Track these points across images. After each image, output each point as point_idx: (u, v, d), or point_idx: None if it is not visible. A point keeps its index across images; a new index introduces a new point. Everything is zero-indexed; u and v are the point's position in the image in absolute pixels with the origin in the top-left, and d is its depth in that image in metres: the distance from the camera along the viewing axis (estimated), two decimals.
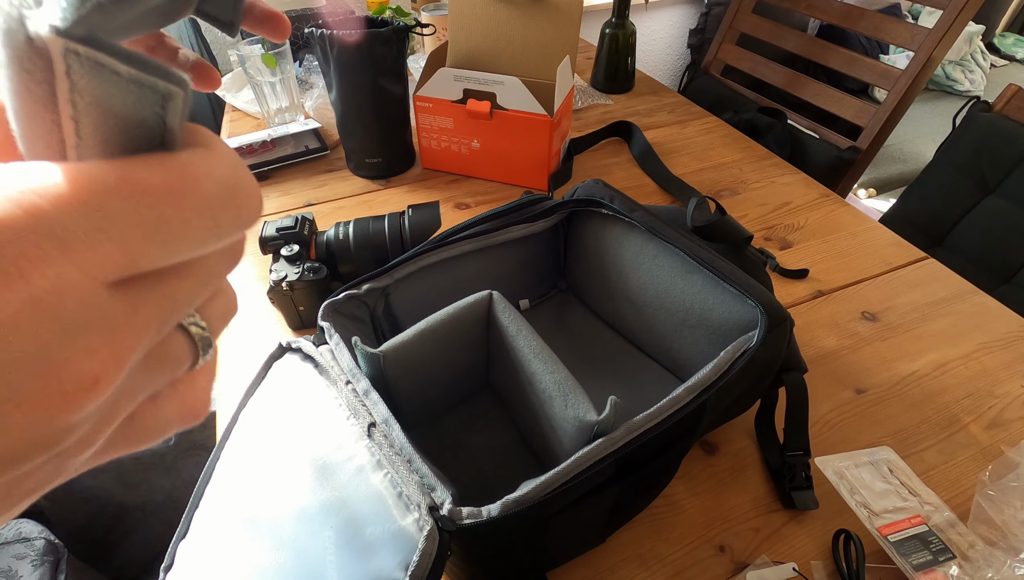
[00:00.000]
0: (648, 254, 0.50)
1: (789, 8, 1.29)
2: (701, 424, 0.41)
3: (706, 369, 0.40)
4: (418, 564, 0.30)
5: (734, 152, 0.93)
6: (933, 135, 2.01)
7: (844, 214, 0.79)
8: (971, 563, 0.42)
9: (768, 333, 0.41)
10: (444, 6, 1.12)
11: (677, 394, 0.38)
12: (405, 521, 0.32)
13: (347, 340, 0.42)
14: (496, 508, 0.33)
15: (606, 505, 0.39)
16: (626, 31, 1.07)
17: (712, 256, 0.46)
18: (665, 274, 0.49)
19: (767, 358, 0.43)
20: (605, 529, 0.42)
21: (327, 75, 0.75)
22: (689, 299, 0.47)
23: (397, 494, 0.33)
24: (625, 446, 0.36)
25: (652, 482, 0.43)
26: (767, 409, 0.50)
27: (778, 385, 0.47)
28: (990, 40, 2.56)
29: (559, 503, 0.34)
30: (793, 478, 0.46)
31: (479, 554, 0.36)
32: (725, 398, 0.42)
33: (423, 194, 0.82)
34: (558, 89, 0.74)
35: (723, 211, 0.51)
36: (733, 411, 0.50)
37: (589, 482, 0.35)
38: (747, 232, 0.50)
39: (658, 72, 2.23)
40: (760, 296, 0.43)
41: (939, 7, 1.05)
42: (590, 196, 0.54)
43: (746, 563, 0.43)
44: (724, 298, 0.45)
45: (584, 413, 0.37)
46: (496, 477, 0.46)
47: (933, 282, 0.68)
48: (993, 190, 1.04)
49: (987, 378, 0.57)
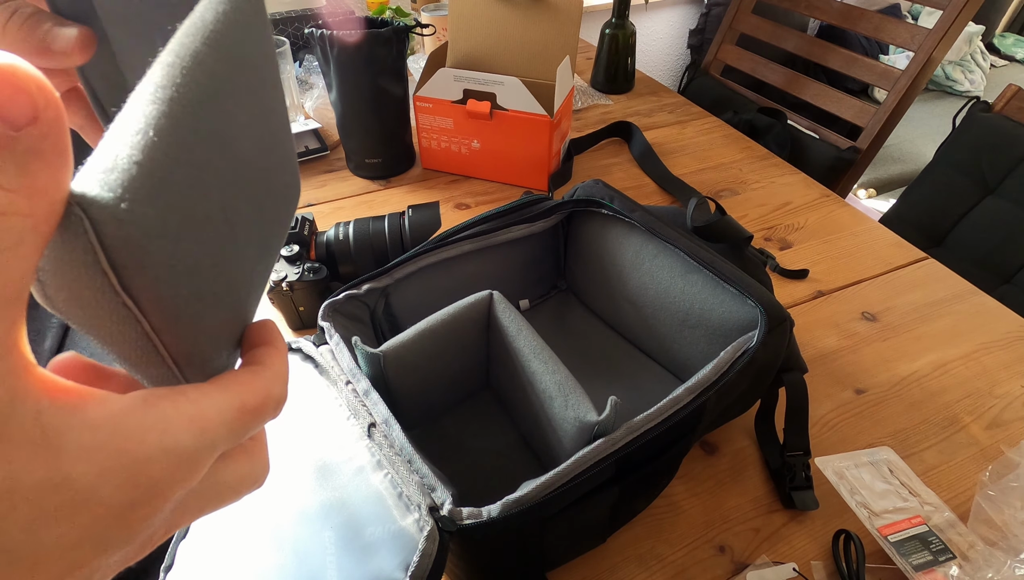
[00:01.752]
0: (648, 254, 0.50)
1: (789, 8, 1.29)
2: (701, 424, 0.41)
3: (706, 369, 0.40)
4: (418, 565, 0.30)
5: (734, 152, 0.93)
6: (933, 135, 2.01)
7: (844, 214, 0.79)
8: (971, 563, 0.42)
9: (768, 333, 0.41)
10: (444, 6, 1.12)
11: (677, 394, 0.38)
12: (405, 521, 0.32)
13: (347, 340, 0.42)
14: (496, 508, 0.33)
15: (606, 505, 0.39)
16: (626, 31, 1.07)
17: (712, 256, 0.46)
18: (665, 274, 0.49)
19: (767, 358, 0.43)
20: (605, 529, 0.42)
21: (327, 75, 0.75)
22: (689, 299, 0.47)
23: (397, 494, 0.33)
24: (625, 446, 0.36)
25: (652, 482, 0.43)
26: (767, 409, 0.50)
27: (778, 385, 0.47)
28: (990, 40, 2.56)
29: (559, 503, 0.34)
30: (793, 478, 0.46)
31: (479, 554, 0.36)
32: (725, 398, 0.42)
33: (423, 194, 0.82)
34: (558, 89, 0.74)
35: (723, 211, 0.51)
36: (733, 411, 0.50)
37: (589, 482, 0.35)
38: (747, 232, 0.50)
39: (658, 72, 2.23)
40: (760, 296, 0.43)
41: (939, 7, 1.05)
42: (590, 196, 0.54)
43: (746, 563, 0.43)
44: (724, 298, 0.45)
45: (584, 413, 0.37)
46: (497, 477, 0.46)
47: (933, 282, 0.68)
48: (993, 190, 1.04)
49: (987, 378, 0.57)
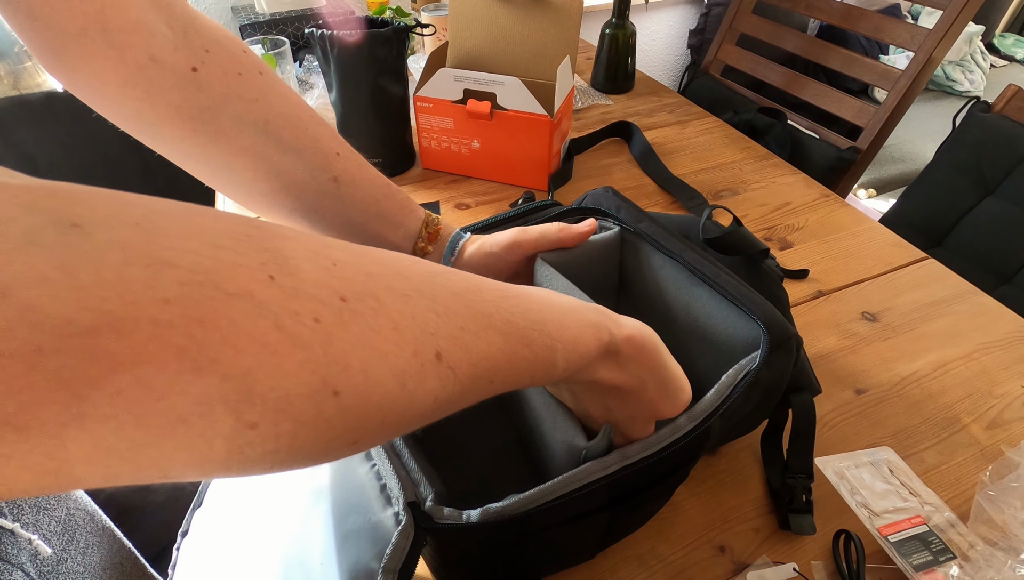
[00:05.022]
0: (654, 265, 0.49)
1: (789, 8, 1.29)
2: (702, 451, 0.40)
3: (708, 395, 0.38)
4: (390, 557, 0.30)
5: (734, 152, 0.93)
6: (933, 135, 2.01)
7: (844, 214, 0.79)
8: (971, 563, 0.42)
9: (771, 352, 0.39)
10: (444, 6, 1.12)
11: (678, 422, 0.36)
12: (385, 514, 0.32)
13: None
14: (476, 515, 0.32)
15: (596, 530, 0.38)
16: (626, 31, 1.07)
17: (718, 270, 0.44)
18: (670, 286, 0.47)
19: (772, 379, 0.41)
20: (594, 549, 0.41)
21: (327, 75, 0.75)
22: (694, 313, 0.46)
23: (380, 486, 0.34)
24: (617, 473, 0.34)
25: (647, 507, 0.41)
26: (775, 428, 0.48)
27: (787, 406, 0.45)
28: (990, 40, 2.56)
29: (542, 521, 0.33)
30: (792, 500, 0.45)
31: (459, 556, 0.35)
32: (728, 421, 0.40)
33: (423, 194, 0.82)
34: (558, 89, 0.74)
35: (739, 222, 0.48)
36: (737, 432, 0.48)
37: (577, 504, 0.34)
38: (763, 245, 0.48)
39: (658, 72, 2.23)
40: (763, 314, 0.40)
41: (939, 7, 1.05)
42: (597, 205, 0.52)
43: (746, 563, 0.43)
44: (728, 314, 0.43)
45: (572, 437, 0.36)
46: (496, 479, 0.46)
47: (933, 282, 0.68)
48: (993, 190, 1.04)
49: (987, 378, 0.57)
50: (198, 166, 0.40)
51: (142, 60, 0.35)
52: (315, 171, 0.42)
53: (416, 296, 0.21)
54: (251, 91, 0.40)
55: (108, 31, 0.33)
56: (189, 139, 0.38)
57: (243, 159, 0.40)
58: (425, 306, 0.21)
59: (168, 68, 0.36)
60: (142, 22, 0.35)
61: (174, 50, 0.36)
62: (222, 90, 0.38)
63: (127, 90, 0.36)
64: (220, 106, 0.38)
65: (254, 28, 1.21)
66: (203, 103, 0.38)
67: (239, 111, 0.39)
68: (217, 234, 0.16)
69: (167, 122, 0.37)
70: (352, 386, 0.18)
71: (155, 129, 0.38)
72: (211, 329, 0.15)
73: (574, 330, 0.28)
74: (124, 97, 0.36)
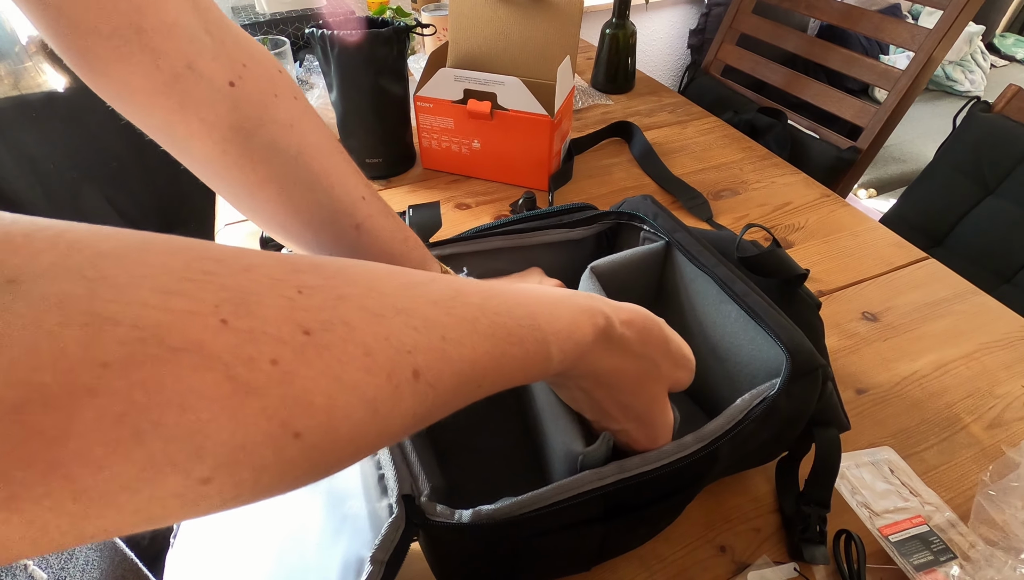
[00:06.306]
0: (686, 277, 0.48)
1: (789, 8, 1.29)
2: (710, 474, 0.38)
3: (720, 418, 0.37)
4: (379, 547, 0.30)
5: (734, 152, 0.93)
6: (933, 135, 2.00)
7: (844, 214, 0.79)
8: (972, 563, 0.42)
9: (793, 380, 0.37)
10: (444, 6, 1.12)
11: (684, 441, 0.36)
12: (380, 503, 0.33)
13: None
14: (467, 515, 0.32)
15: (590, 542, 0.37)
16: (626, 31, 1.07)
17: (748, 289, 0.42)
18: (699, 300, 0.47)
19: (793, 409, 0.39)
20: (590, 561, 0.40)
21: (327, 75, 0.75)
22: (720, 330, 0.45)
23: (378, 476, 0.34)
24: (612, 485, 0.33)
25: (651, 524, 0.40)
26: (793, 459, 0.46)
27: (809, 439, 0.42)
28: (990, 40, 2.56)
29: (535, 527, 0.33)
30: (806, 529, 0.42)
31: (451, 554, 0.35)
32: (742, 448, 0.39)
33: (424, 194, 0.82)
34: (558, 89, 0.74)
35: (778, 244, 0.47)
36: (753, 460, 0.46)
37: (571, 514, 0.33)
38: (800, 269, 0.45)
39: (658, 72, 2.23)
40: (789, 338, 0.38)
41: (939, 7, 1.05)
42: (635, 211, 0.52)
43: (747, 563, 0.43)
44: (754, 336, 0.42)
45: (570, 442, 0.35)
46: (499, 479, 0.46)
47: (933, 282, 0.68)
48: (993, 190, 1.04)
49: (987, 378, 0.57)
50: (220, 185, 0.38)
51: (178, 68, 0.32)
52: (338, 214, 0.40)
53: (391, 314, 0.20)
54: (286, 116, 0.37)
55: (143, 32, 0.30)
56: (218, 160, 0.36)
57: (268, 190, 0.37)
58: (401, 323, 0.20)
59: (205, 79, 0.33)
60: (180, 25, 0.31)
61: (212, 59, 0.33)
62: (257, 112, 0.35)
63: (158, 100, 0.33)
64: (254, 129, 0.35)
65: (254, 28, 1.21)
66: (236, 123, 0.35)
67: (273, 136, 0.36)
68: (171, 277, 0.15)
69: (197, 139, 0.35)
70: (315, 425, 0.17)
71: (184, 145, 0.35)
72: (153, 390, 0.14)
73: (567, 319, 0.27)
74: (154, 107, 0.33)
